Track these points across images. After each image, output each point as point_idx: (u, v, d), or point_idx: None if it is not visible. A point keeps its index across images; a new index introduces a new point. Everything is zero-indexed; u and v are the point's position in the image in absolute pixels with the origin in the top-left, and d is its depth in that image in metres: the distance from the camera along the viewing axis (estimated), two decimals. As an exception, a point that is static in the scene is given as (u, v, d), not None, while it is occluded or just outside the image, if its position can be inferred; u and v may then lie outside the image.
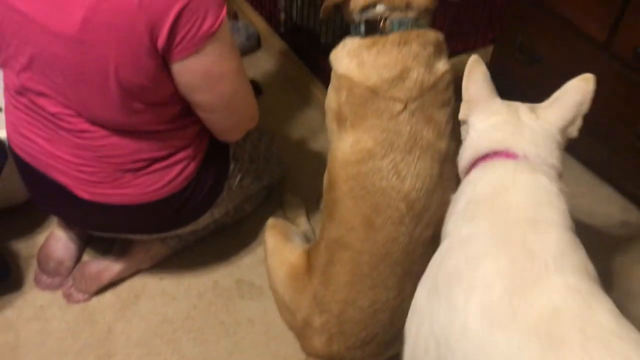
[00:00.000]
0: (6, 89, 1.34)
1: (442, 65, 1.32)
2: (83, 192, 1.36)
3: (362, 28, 1.31)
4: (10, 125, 1.40)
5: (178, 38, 1.13)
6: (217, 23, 1.15)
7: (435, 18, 1.44)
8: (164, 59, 1.17)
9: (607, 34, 1.72)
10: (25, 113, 1.33)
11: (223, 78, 1.24)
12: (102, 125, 1.27)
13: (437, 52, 1.32)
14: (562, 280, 0.88)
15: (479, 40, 2.35)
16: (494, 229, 1.00)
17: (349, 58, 1.32)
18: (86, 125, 1.27)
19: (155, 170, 1.36)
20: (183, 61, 1.17)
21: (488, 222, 1.02)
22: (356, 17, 1.33)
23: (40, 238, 1.72)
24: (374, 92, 1.26)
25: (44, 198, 1.47)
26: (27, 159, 1.39)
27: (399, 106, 1.26)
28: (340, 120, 1.33)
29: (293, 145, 2.05)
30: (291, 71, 2.26)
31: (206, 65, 1.19)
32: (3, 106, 1.44)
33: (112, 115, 1.23)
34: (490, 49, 2.24)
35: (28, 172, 1.42)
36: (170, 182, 1.38)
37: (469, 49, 2.34)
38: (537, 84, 2.00)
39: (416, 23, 1.29)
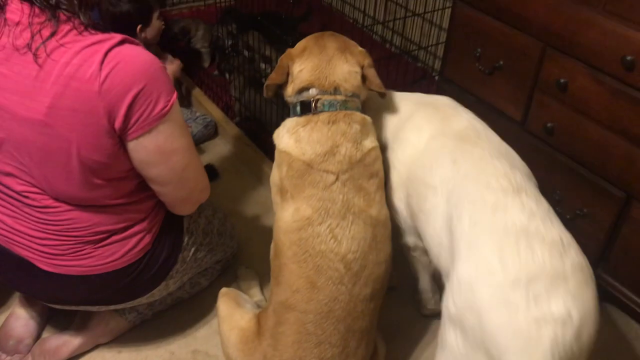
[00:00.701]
0: None
1: (369, 143, 1.50)
2: (45, 264, 1.46)
3: (298, 108, 1.50)
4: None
5: (133, 120, 1.28)
6: (168, 106, 1.31)
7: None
8: (120, 138, 1.31)
9: (522, 114, 1.95)
10: (-10, 194, 1.44)
11: (174, 153, 1.38)
12: (65, 201, 1.39)
13: (364, 131, 1.50)
14: (466, 116, 1.63)
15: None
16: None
17: (288, 135, 1.49)
18: (50, 201, 1.39)
19: (113, 242, 1.47)
20: (138, 139, 1.31)
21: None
22: (294, 99, 1.52)
23: (0, 318, 1.78)
24: (309, 165, 1.43)
25: (6, 273, 1.55)
26: (-7, 236, 1.49)
27: (331, 177, 1.42)
28: (282, 192, 1.48)
29: (248, 222, 2.19)
30: (245, 154, 2.44)
31: (159, 142, 1.34)
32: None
33: (74, 190, 1.36)
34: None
35: (-6, 250, 1.52)
36: (127, 253, 1.49)
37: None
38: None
39: (344, 105, 1.48)
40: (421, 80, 2.84)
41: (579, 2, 1.68)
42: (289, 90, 1.54)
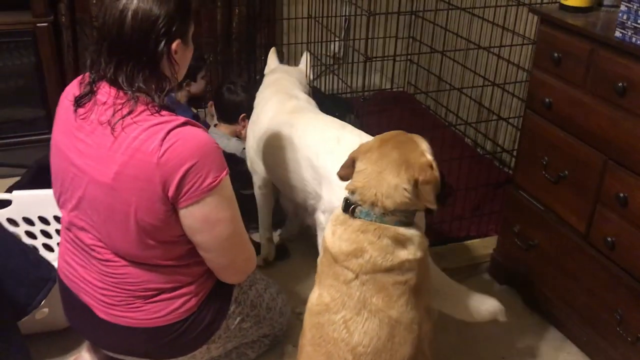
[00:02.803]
0: (62, 225, 1.70)
1: (404, 254, 1.50)
2: (101, 312, 1.64)
3: (343, 204, 1.56)
4: (60, 256, 1.74)
5: (184, 190, 1.46)
6: (217, 181, 1.48)
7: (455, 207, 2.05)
8: (173, 206, 1.49)
9: (585, 225, 1.91)
10: (70, 244, 1.67)
11: (219, 223, 1.54)
12: (123, 257, 1.57)
13: (397, 244, 1.50)
14: (295, 102, 2.24)
15: (493, 228, 2.58)
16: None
17: (331, 223, 1.58)
18: (111, 256, 1.58)
19: (161, 300, 1.62)
20: (187, 208, 1.48)
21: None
22: (347, 194, 1.58)
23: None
24: (335, 259, 1.51)
25: (74, 317, 1.75)
26: (66, 281, 1.71)
27: (351, 275, 1.48)
28: (317, 274, 1.58)
29: (305, 303, 2.26)
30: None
31: (205, 212, 1.50)
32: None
33: (130, 248, 1.54)
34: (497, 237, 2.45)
35: (66, 293, 1.73)
36: (172, 311, 1.63)
37: (482, 235, 2.57)
38: (534, 269, 2.17)
39: (381, 218, 1.50)
40: (506, 184, 2.85)
41: (639, 118, 1.67)
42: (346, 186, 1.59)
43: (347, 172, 1.59)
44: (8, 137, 2.99)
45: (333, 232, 1.54)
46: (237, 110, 2.80)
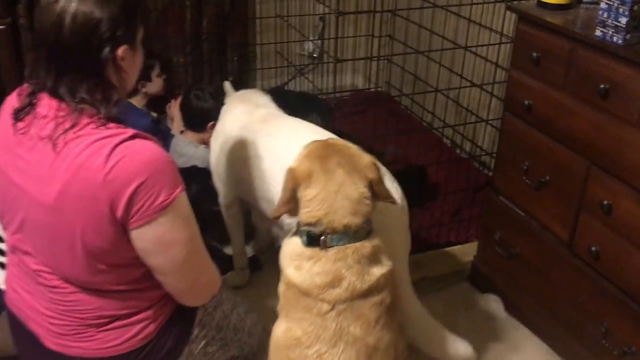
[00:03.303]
0: (6, 249, 1.57)
1: (377, 270, 1.42)
2: (50, 342, 1.50)
3: (305, 238, 1.43)
4: (7, 281, 1.61)
5: (134, 210, 1.33)
6: (170, 199, 1.35)
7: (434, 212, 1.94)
8: (123, 227, 1.37)
9: (569, 233, 1.82)
10: (15, 268, 1.54)
11: (174, 244, 1.41)
12: (71, 282, 1.45)
13: (374, 260, 1.42)
14: (265, 110, 2.08)
15: (473, 233, 2.48)
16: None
17: (290, 259, 1.47)
18: (58, 282, 1.45)
19: (115, 328, 1.49)
20: (139, 229, 1.36)
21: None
22: (302, 225, 1.45)
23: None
24: (305, 294, 1.39)
25: (22, 347, 1.62)
26: (13, 309, 1.58)
27: (326, 307, 1.38)
28: (280, 306, 1.48)
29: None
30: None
31: (157, 233, 1.37)
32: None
33: (78, 273, 1.41)
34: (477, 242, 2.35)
35: (13, 321, 1.60)
36: (129, 339, 1.50)
37: (462, 241, 2.47)
38: (517, 277, 2.07)
39: (354, 237, 1.40)
40: (486, 187, 2.75)
41: (623, 122, 1.58)
42: (300, 217, 1.46)
43: (289, 206, 1.45)
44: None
45: (298, 267, 1.43)
46: (206, 117, 2.65)
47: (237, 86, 2.33)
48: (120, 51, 1.37)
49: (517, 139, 1.96)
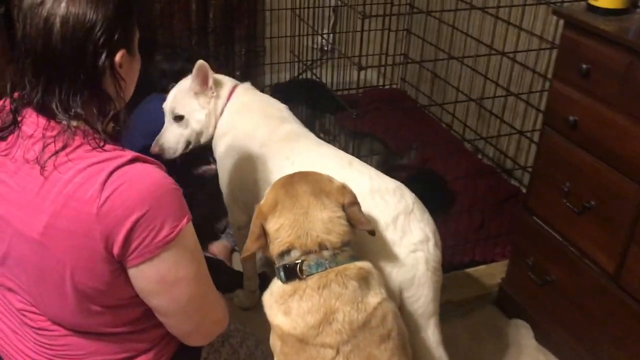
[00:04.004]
0: None
1: (372, 298, 1.29)
2: (37, 389, 1.34)
3: (282, 274, 1.32)
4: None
5: (132, 247, 1.15)
6: (174, 233, 1.17)
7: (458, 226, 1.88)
8: (120, 265, 1.19)
9: (615, 265, 1.63)
10: (0, 305, 1.36)
11: (178, 283, 1.23)
12: (61, 325, 1.27)
13: (364, 285, 1.29)
14: (289, 126, 1.87)
15: (500, 251, 2.30)
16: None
17: (276, 306, 1.33)
18: (46, 324, 1.28)
19: (112, 374, 1.33)
20: (138, 267, 1.18)
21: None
22: (276, 261, 1.35)
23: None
24: (302, 341, 1.24)
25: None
26: (-1, 347, 1.41)
27: (330, 353, 1.22)
28: None
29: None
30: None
31: (160, 271, 1.19)
32: None
33: (68, 315, 1.24)
34: (506, 262, 2.17)
35: (-1, 359, 1.43)
36: (127, 388, 1.34)
37: (488, 260, 2.29)
38: (551, 306, 1.90)
39: (334, 260, 1.29)
40: (510, 199, 2.57)
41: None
42: (272, 251, 1.36)
43: (260, 242, 1.36)
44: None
45: (286, 312, 1.28)
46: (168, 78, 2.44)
47: (244, 81, 2.09)
48: (119, 57, 1.19)
49: (558, 157, 1.77)
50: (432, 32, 3.09)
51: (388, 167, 2.41)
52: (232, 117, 1.92)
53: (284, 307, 1.27)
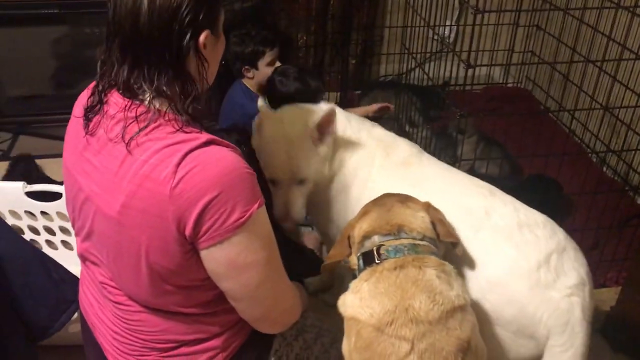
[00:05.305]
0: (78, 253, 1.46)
1: (453, 296, 1.23)
2: (112, 358, 1.38)
3: (361, 262, 1.30)
4: (80, 280, 1.50)
5: (204, 229, 1.15)
6: (245, 217, 1.16)
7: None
8: (192, 246, 1.19)
9: None
10: (86, 275, 1.43)
11: (248, 268, 1.22)
12: (136, 301, 1.30)
13: (444, 279, 1.24)
14: (403, 150, 1.73)
15: (613, 277, 2.09)
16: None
17: (352, 295, 1.30)
18: (123, 299, 1.32)
19: (180, 354, 1.33)
20: (208, 249, 1.18)
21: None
22: (357, 252, 1.35)
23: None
24: (378, 329, 1.19)
25: (89, 352, 1.51)
26: (84, 313, 1.47)
27: (405, 347, 1.16)
28: None
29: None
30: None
31: (230, 255, 1.19)
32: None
33: (143, 293, 1.26)
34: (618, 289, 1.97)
35: (84, 325, 1.49)
36: (193, 370, 1.34)
37: (597, 285, 2.09)
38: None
39: (413, 249, 1.26)
40: (634, 219, 2.32)
41: None
42: (353, 257, 1.36)
43: (342, 247, 1.40)
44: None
45: (361, 298, 1.26)
46: (287, 102, 2.41)
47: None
48: (203, 37, 1.18)
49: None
50: (564, 30, 2.84)
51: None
52: (341, 155, 1.76)
53: (360, 294, 1.26)
